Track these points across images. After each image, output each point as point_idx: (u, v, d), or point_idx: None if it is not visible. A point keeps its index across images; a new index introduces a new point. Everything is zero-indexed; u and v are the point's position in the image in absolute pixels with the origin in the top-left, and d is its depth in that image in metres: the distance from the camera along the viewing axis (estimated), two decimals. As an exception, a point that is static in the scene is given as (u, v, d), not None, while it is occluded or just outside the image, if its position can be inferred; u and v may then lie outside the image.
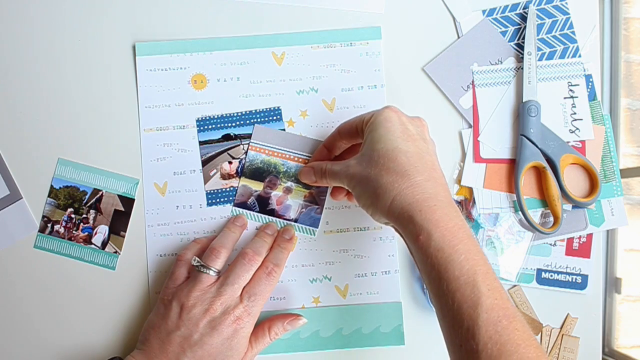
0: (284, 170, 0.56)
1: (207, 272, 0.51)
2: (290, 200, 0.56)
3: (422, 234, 0.41)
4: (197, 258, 0.52)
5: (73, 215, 0.56)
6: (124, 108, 0.56)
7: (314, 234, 0.56)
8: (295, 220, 0.56)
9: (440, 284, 0.40)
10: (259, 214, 0.56)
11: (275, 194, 0.56)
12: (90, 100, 0.57)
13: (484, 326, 0.38)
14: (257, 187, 0.56)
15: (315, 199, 0.56)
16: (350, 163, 0.47)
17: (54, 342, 0.56)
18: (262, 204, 0.56)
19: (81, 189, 0.57)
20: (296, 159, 0.56)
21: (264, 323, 0.54)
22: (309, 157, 0.56)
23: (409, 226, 0.42)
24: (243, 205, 0.56)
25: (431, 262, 0.41)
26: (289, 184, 0.56)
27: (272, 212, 0.56)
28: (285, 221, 0.56)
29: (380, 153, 0.45)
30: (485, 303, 0.39)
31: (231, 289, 0.50)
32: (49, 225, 0.56)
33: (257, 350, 0.53)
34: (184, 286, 0.51)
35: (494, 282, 0.40)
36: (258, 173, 0.56)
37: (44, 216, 0.56)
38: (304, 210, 0.56)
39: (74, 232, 0.56)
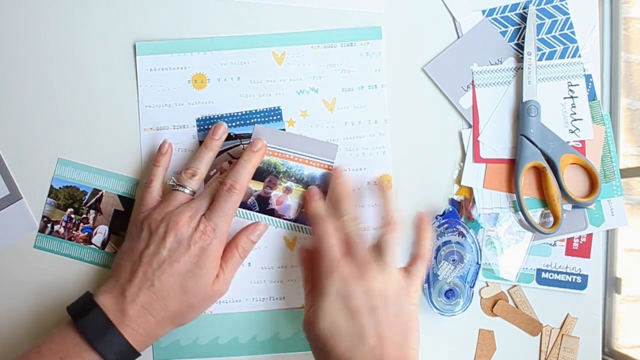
0: (284, 170, 0.56)
1: (183, 190, 0.51)
2: (290, 200, 0.56)
3: None
4: (173, 178, 0.52)
5: (73, 215, 0.56)
6: (124, 107, 0.56)
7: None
8: (295, 220, 0.56)
9: None
10: (259, 214, 0.56)
11: (275, 194, 0.56)
12: (91, 99, 0.57)
13: None
14: (257, 187, 0.56)
15: (315, 199, 0.56)
16: (308, 313, 0.48)
17: (53, 342, 0.56)
18: (262, 204, 0.56)
19: (81, 189, 0.57)
20: (296, 159, 0.56)
21: (230, 243, 0.53)
22: (309, 157, 0.56)
23: None
24: (243, 205, 0.56)
25: None
26: (289, 184, 0.56)
27: (271, 212, 0.56)
28: (285, 221, 0.56)
29: (322, 333, 0.45)
30: None
31: (197, 205, 0.50)
32: (49, 225, 0.56)
33: (229, 273, 0.52)
34: (156, 207, 0.51)
35: None
36: (258, 173, 0.56)
37: (44, 216, 0.56)
38: (303, 210, 0.56)
39: (74, 232, 0.56)
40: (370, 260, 0.48)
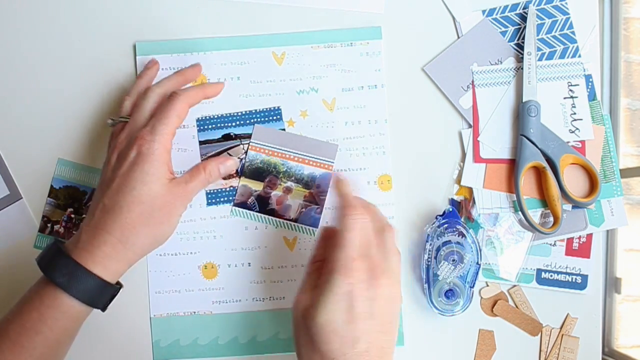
0: (284, 170, 0.56)
1: (123, 120, 0.52)
2: (290, 200, 0.56)
3: None
4: (111, 117, 0.53)
5: (73, 215, 0.56)
6: (124, 108, 0.56)
7: (314, 234, 0.56)
8: (295, 220, 0.56)
9: None
10: (259, 214, 0.56)
11: (275, 193, 0.56)
12: (91, 99, 0.57)
13: None
14: (257, 187, 0.56)
15: (315, 198, 0.56)
16: (306, 302, 0.45)
17: (53, 342, 0.56)
18: (262, 204, 0.56)
19: (81, 189, 0.57)
20: (296, 159, 0.56)
21: (198, 163, 0.53)
22: (309, 157, 0.56)
23: None
24: (243, 205, 0.56)
25: None
26: (289, 184, 0.56)
27: (272, 212, 0.56)
28: (285, 221, 0.56)
29: (318, 327, 0.43)
30: None
31: (133, 121, 0.50)
32: (49, 225, 0.56)
33: (192, 184, 0.50)
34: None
35: None
36: (258, 173, 0.56)
37: (44, 216, 0.56)
38: (304, 210, 0.56)
39: (73, 232, 0.56)
40: (381, 264, 0.46)
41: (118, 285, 0.49)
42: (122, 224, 0.47)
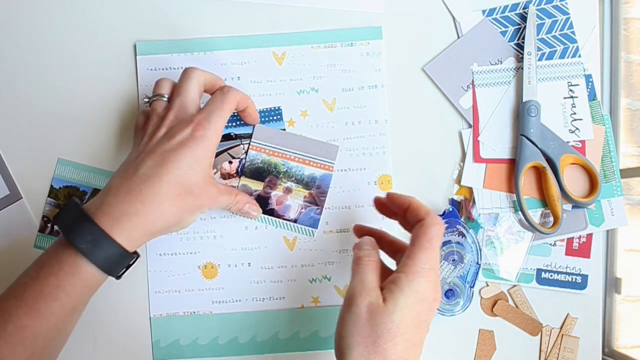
0: (284, 170, 0.56)
1: (158, 99, 0.50)
2: (290, 200, 0.56)
3: None
4: (144, 95, 0.52)
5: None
6: (124, 107, 0.56)
7: (314, 235, 0.56)
8: (295, 221, 0.56)
9: None
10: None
11: (275, 193, 0.56)
12: (91, 99, 0.57)
13: None
14: (257, 186, 0.56)
15: (315, 199, 0.56)
16: (373, 299, 0.42)
17: (53, 342, 0.56)
18: (262, 204, 0.56)
19: (81, 189, 0.57)
20: (297, 159, 0.56)
21: (234, 188, 0.53)
22: (310, 157, 0.56)
23: None
24: None
25: None
26: (289, 184, 0.56)
27: (271, 212, 0.56)
28: (285, 222, 0.56)
29: (392, 325, 0.41)
30: None
31: (180, 101, 0.49)
32: (49, 225, 0.56)
33: (221, 198, 0.50)
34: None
35: None
36: (258, 173, 0.56)
37: (44, 216, 0.56)
38: (303, 210, 0.56)
39: (74, 232, 0.56)
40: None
41: (136, 255, 0.47)
42: (158, 197, 0.45)
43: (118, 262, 0.45)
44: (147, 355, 0.56)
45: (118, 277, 0.47)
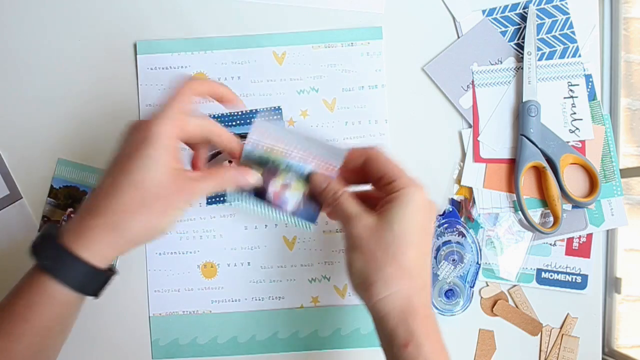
0: (285, 165, 0.56)
1: None
2: (288, 194, 0.56)
3: (411, 343, 0.40)
4: None
5: (73, 215, 0.56)
6: (124, 107, 0.57)
7: (310, 228, 0.55)
8: (292, 214, 0.55)
9: None
10: (255, 201, 0.54)
11: (274, 185, 0.55)
12: (91, 99, 0.57)
13: None
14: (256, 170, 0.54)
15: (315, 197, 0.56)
16: (368, 221, 0.43)
17: (53, 341, 0.56)
18: (259, 194, 0.54)
19: (81, 189, 0.57)
20: (299, 157, 0.56)
21: (219, 167, 0.52)
22: (313, 157, 0.56)
23: (397, 330, 0.41)
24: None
25: None
26: (289, 177, 0.56)
27: (268, 202, 0.55)
28: (282, 212, 0.55)
29: (395, 235, 0.42)
30: None
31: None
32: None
33: (203, 184, 0.46)
34: None
35: None
36: (257, 165, 0.55)
37: (44, 216, 0.56)
38: (301, 205, 0.56)
39: (73, 231, 0.56)
40: None
41: (111, 272, 0.46)
42: (115, 208, 0.43)
43: (88, 279, 0.44)
44: (146, 354, 0.56)
45: (95, 296, 0.45)
